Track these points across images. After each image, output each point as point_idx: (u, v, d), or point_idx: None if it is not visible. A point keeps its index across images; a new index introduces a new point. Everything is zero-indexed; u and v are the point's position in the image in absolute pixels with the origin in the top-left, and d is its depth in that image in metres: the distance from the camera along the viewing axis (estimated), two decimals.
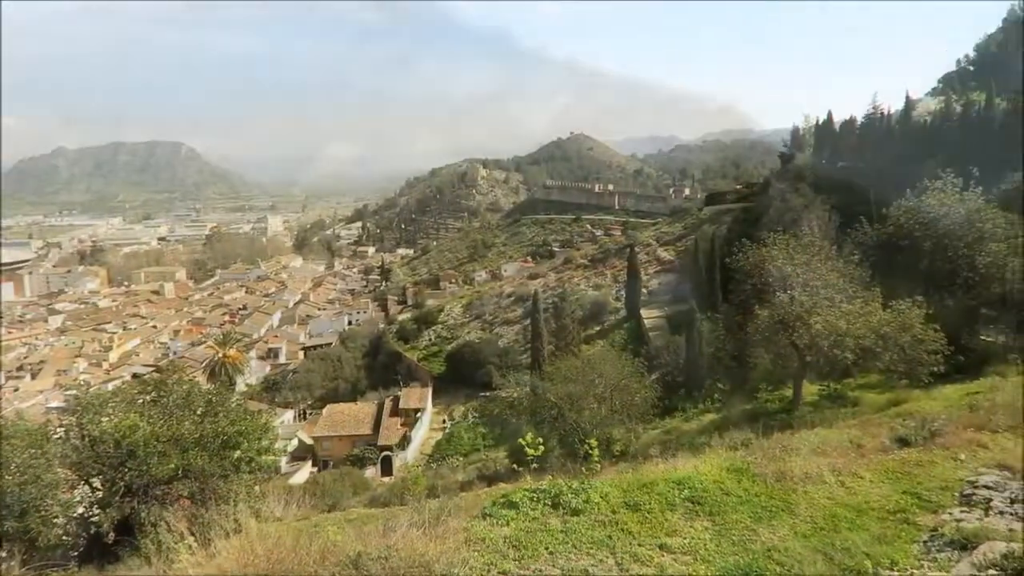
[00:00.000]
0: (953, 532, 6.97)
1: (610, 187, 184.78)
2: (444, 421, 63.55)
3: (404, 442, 56.46)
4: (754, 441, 13.35)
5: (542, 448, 9.90)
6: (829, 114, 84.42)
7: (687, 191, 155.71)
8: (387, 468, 53.64)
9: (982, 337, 29.57)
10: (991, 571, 5.06)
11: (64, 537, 14.47)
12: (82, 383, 21.85)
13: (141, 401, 16.49)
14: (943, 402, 18.25)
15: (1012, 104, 64.52)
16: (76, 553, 14.70)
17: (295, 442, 58.64)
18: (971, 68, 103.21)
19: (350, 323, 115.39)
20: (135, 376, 66.46)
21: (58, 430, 15.38)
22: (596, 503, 8.26)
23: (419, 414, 60.34)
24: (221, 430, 15.78)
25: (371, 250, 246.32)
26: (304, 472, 50.31)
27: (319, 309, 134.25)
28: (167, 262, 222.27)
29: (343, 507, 27.30)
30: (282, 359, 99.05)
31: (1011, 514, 7.57)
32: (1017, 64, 75.61)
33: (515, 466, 12.54)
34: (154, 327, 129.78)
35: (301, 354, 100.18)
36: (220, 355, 62.01)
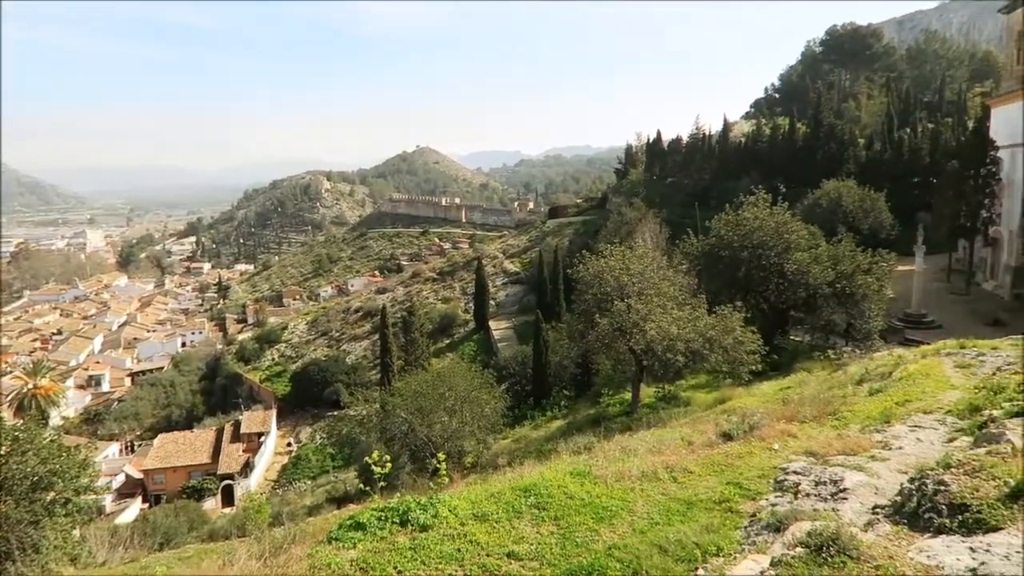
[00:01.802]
0: (768, 516, 7.63)
1: (457, 200, 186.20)
2: (290, 444, 60.85)
3: (247, 469, 53.39)
4: (596, 444, 13.95)
5: (389, 466, 9.76)
6: (658, 133, 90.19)
7: (531, 204, 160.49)
8: (228, 498, 50.43)
9: (792, 337, 32.92)
10: (798, 548, 5.59)
11: None
12: None
13: None
14: (761, 398, 20.06)
15: (810, 128, 72.43)
16: None
17: (121, 478, 53.85)
18: (777, 95, 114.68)
19: (184, 345, 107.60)
20: None
21: None
22: (445, 517, 8.26)
23: (263, 438, 57.34)
24: (30, 471, 14.16)
25: (207, 266, 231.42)
26: (133, 510, 46.10)
27: (148, 331, 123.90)
28: None
29: (177, 544, 25.37)
30: (105, 387, 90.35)
31: (816, 495, 8.43)
32: (811, 94, 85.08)
33: (364, 486, 12.26)
34: None
35: (128, 381, 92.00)
36: (30, 386, 55.53)
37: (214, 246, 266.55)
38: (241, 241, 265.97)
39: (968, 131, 52.09)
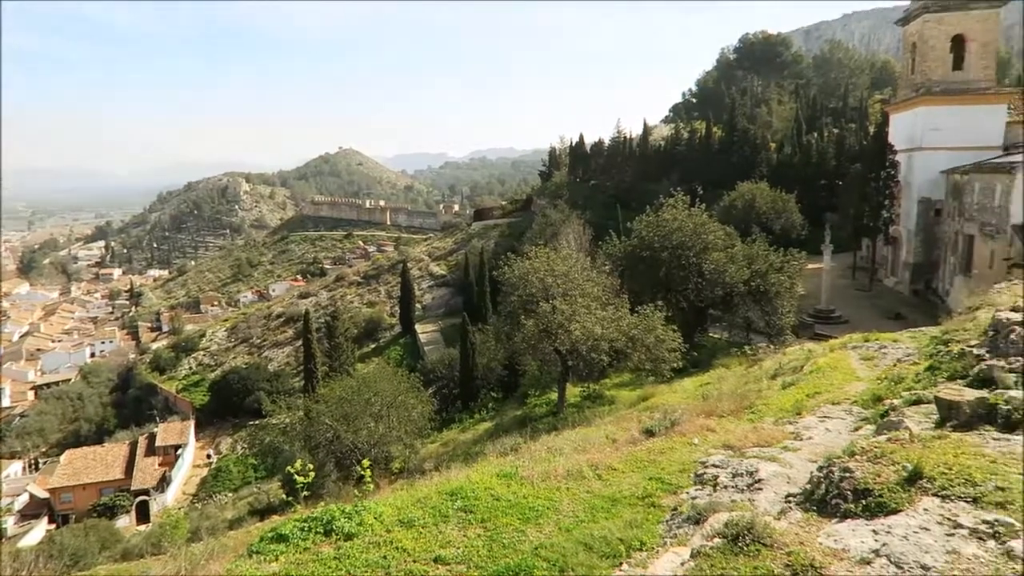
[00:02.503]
0: (689, 509, 7.86)
1: (381, 203, 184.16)
2: (210, 456, 58.71)
3: (163, 484, 51.20)
4: (523, 445, 14.02)
5: (312, 475, 9.53)
6: (581, 136, 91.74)
7: (457, 207, 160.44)
8: (144, 515, 48.22)
9: (711, 334, 34.02)
10: (716, 539, 5.76)
11: None
12: None
13: None
14: (682, 394, 20.63)
15: (725, 132, 75.19)
16: None
17: (24, 498, 50.76)
18: (694, 100, 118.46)
19: (93, 355, 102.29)
20: None
21: None
22: (370, 525, 8.13)
23: (180, 451, 55.11)
24: None
25: (117, 272, 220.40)
26: (38, 531, 43.49)
27: (53, 341, 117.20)
28: None
29: (88, 565, 24.05)
30: (6, 402, 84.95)
31: (733, 487, 8.73)
32: (726, 99, 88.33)
33: (287, 497, 11.94)
34: None
35: (31, 395, 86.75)
36: None
37: (125, 251, 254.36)
38: (155, 245, 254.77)
39: (870, 136, 55.11)
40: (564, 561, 7.16)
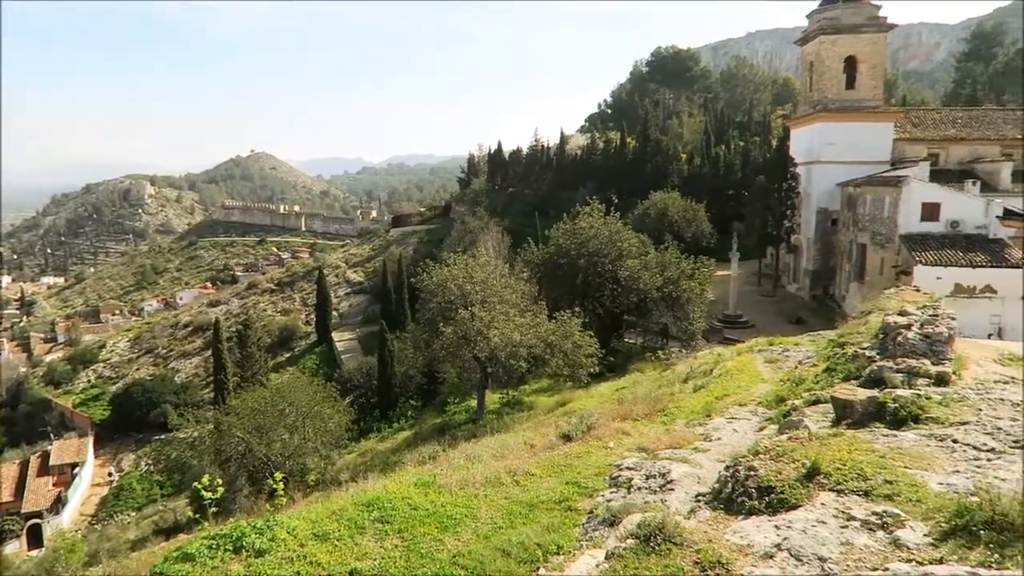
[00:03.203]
0: (604, 512, 8.02)
1: (296, 208, 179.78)
2: (111, 474, 55.56)
3: (58, 505, 48.11)
4: (442, 453, 13.96)
5: (221, 490, 9.19)
6: (499, 144, 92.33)
7: (374, 213, 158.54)
8: (36, 539, 45.12)
9: (626, 339, 34.86)
10: (629, 540, 5.91)
11: None
12: None
13: None
14: (599, 399, 21.02)
15: (639, 143, 77.34)
16: None
17: None
18: (609, 111, 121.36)
19: None
20: None
21: None
22: (283, 540, 7.90)
23: (77, 469, 51.94)
24: None
25: (6, 279, 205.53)
26: None
27: None
28: None
29: None
30: None
31: (647, 489, 8.98)
32: (640, 111, 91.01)
33: (194, 514, 11.46)
34: None
35: None
36: None
37: (15, 257, 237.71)
38: (49, 251, 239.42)
39: (772, 149, 57.81)
40: (482, 568, 7.18)
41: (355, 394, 41.92)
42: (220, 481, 9.44)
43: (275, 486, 9.91)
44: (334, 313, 71.01)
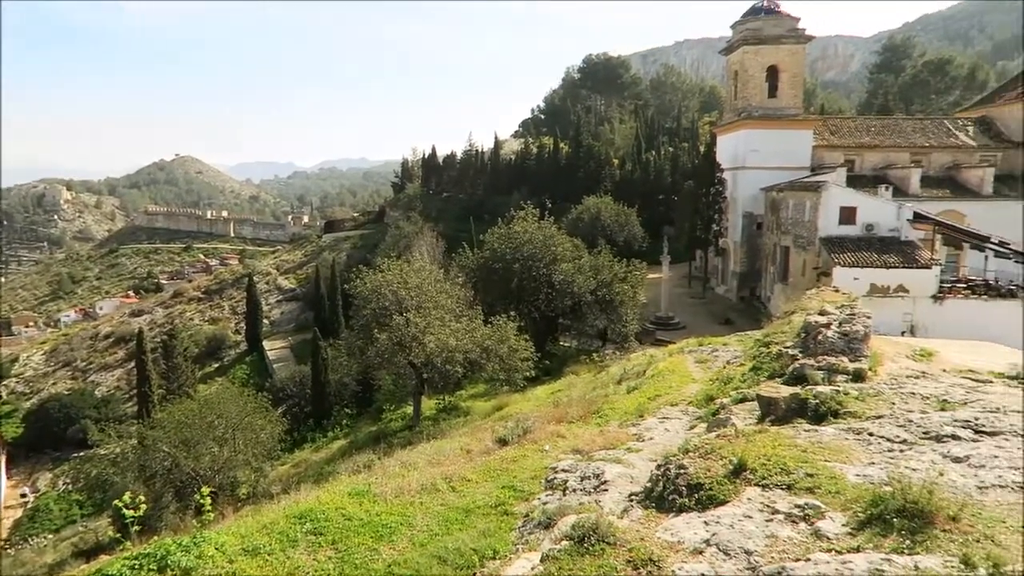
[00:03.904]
0: (540, 515, 8.07)
1: (224, 213, 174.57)
2: (25, 495, 52.51)
3: None
4: (377, 461, 13.79)
5: (144, 507, 8.82)
6: (433, 149, 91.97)
7: (306, 218, 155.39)
8: None
9: (562, 343, 35.22)
10: (564, 542, 5.97)
11: None
12: None
13: None
14: (535, 402, 21.15)
15: (572, 148, 78.33)
16: None
17: None
18: (542, 116, 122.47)
19: None
20: None
21: None
22: (211, 556, 7.65)
23: None
24: None
25: None
26: None
27: None
28: None
29: None
30: None
31: (581, 490, 9.08)
32: (572, 116, 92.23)
33: (116, 534, 10.97)
34: None
35: None
36: None
37: None
38: None
39: (700, 155, 59.47)
40: None
41: (288, 404, 40.94)
42: (143, 498, 9.05)
43: (202, 501, 9.58)
44: (265, 321, 69.20)
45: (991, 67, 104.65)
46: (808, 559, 4.95)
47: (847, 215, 34.52)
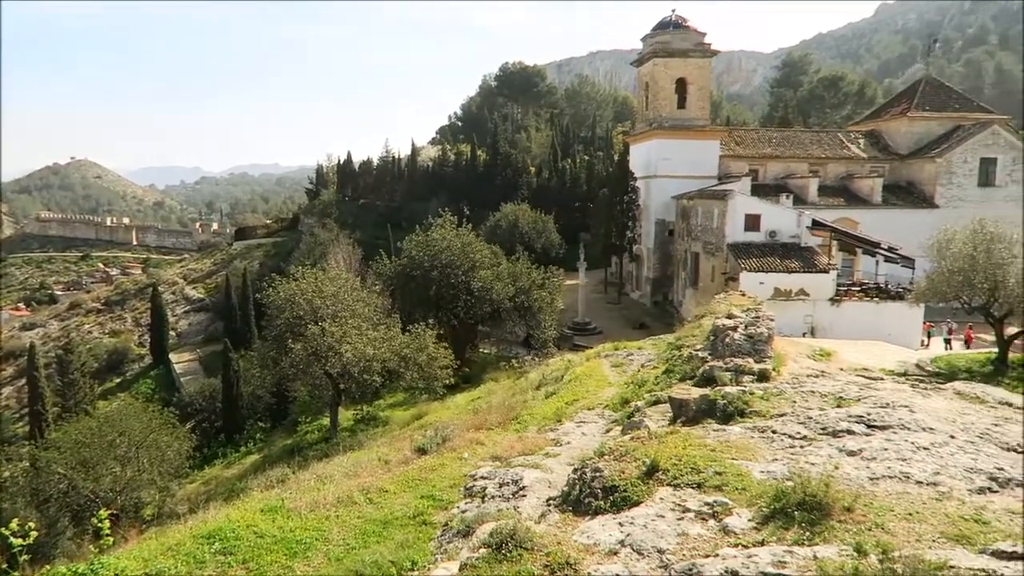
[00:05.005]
0: (459, 523, 8.06)
1: (126, 220, 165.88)
2: None
3: None
4: (291, 476, 13.41)
5: (34, 534, 8.25)
6: (349, 155, 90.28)
7: (215, 225, 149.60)
8: None
9: (482, 350, 35.25)
10: (482, 549, 5.97)
11: None
12: None
13: None
14: (455, 410, 21.07)
15: (489, 155, 78.66)
16: None
17: None
18: (460, 123, 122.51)
19: None
20: None
21: None
22: None
23: None
24: None
25: None
26: None
27: None
28: None
29: None
30: None
31: (500, 497, 9.11)
32: (489, 124, 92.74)
33: (2, 565, 10.20)
34: None
35: None
36: None
37: None
38: None
39: (614, 164, 60.84)
40: None
41: (198, 418, 39.23)
42: (33, 525, 8.45)
43: (100, 525, 9.04)
44: (172, 333, 66.13)
45: (879, 84, 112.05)
46: (717, 555, 5.14)
47: (752, 222, 36.07)
